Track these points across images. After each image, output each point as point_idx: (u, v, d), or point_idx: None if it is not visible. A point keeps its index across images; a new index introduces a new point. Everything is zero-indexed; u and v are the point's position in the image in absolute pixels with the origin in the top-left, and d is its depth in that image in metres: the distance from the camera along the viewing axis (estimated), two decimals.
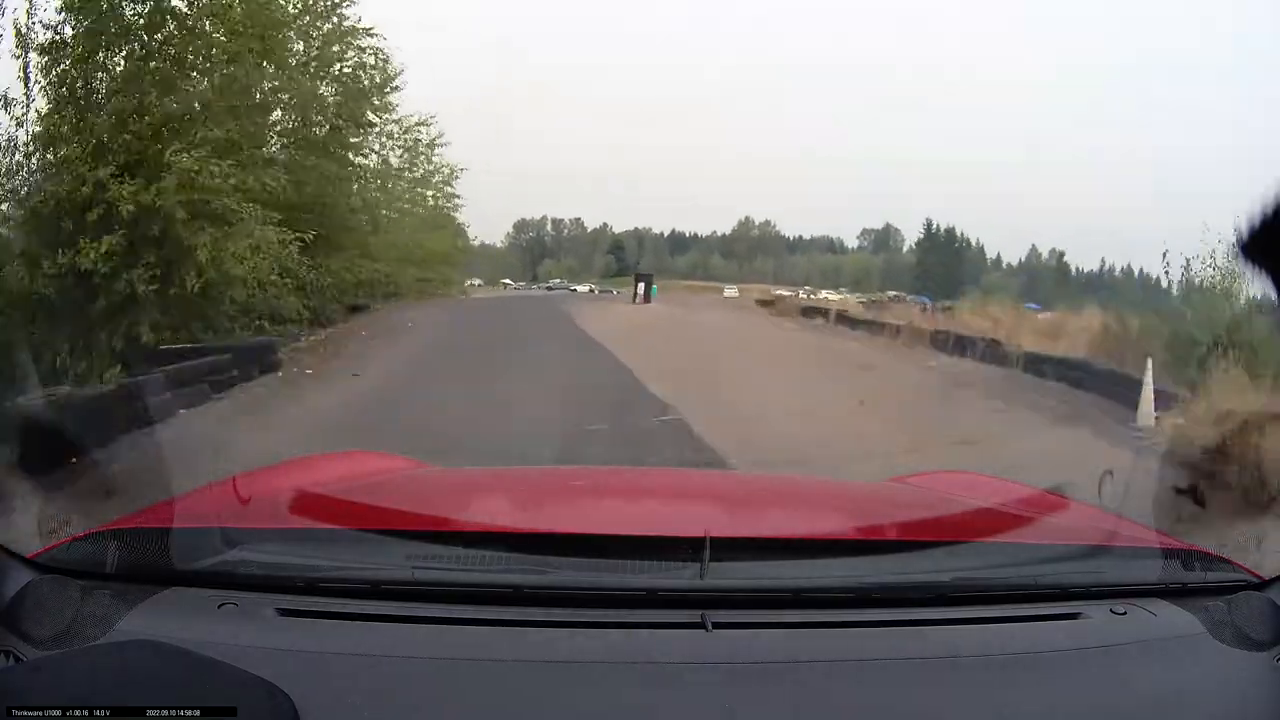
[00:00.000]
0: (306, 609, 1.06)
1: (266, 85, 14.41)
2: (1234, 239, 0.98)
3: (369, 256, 20.84)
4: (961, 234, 79.02)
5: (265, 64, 13.32)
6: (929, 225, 79.13)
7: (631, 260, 77.42)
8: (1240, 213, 0.93)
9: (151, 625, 1.01)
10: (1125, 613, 1.17)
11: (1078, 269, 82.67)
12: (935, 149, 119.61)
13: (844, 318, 23.83)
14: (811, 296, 59.35)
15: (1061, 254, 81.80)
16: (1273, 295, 0.98)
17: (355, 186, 20.52)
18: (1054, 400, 9.83)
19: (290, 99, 16.23)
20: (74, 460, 4.91)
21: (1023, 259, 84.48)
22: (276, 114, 16.37)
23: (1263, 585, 1.24)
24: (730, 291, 58.09)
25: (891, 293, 60.75)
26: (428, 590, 1.09)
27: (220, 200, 10.36)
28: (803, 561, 1.21)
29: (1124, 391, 8.80)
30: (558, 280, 59.10)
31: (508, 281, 66.68)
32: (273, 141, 16.23)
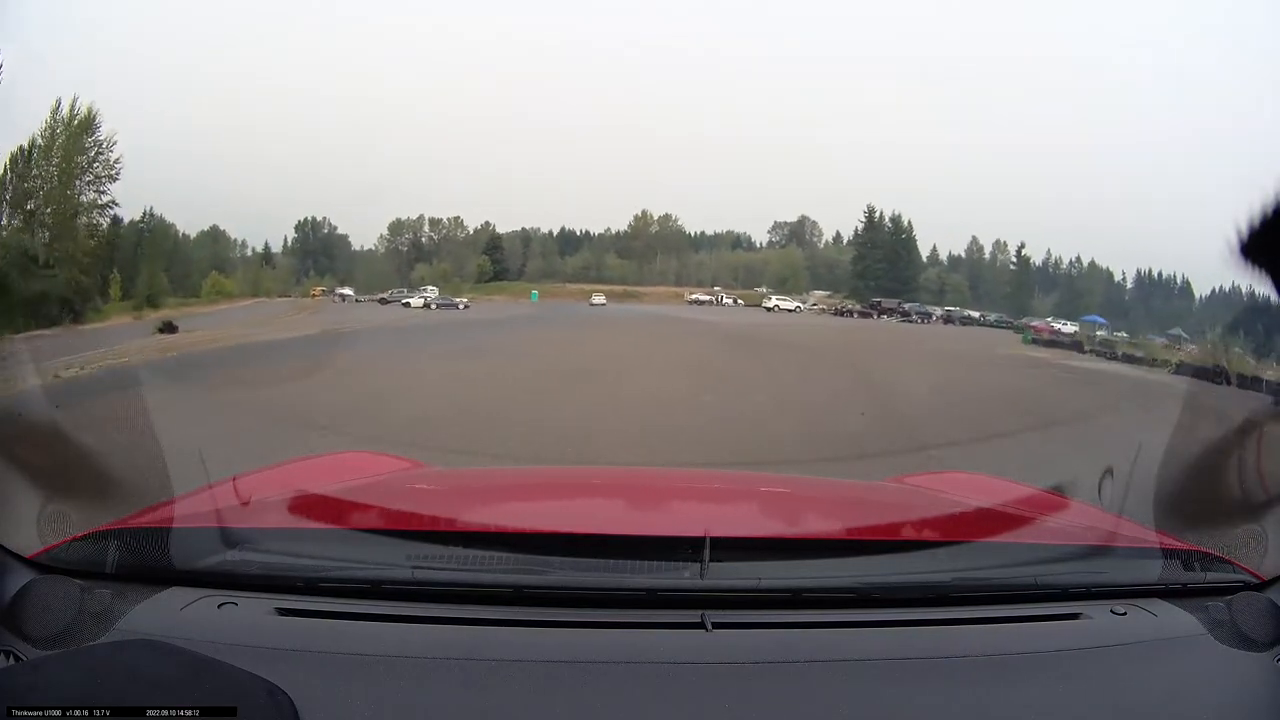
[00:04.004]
0: (306, 609, 1.06)
1: None
2: (1232, 238, 0.97)
3: None
4: (908, 223, 63.40)
5: None
6: (870, 214, 62.87)
7: (514, 263, 69.90)
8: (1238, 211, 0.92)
9: (151, 625, 1.01)
10: (1125, 613, 1.17)
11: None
12: (853, 131, 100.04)
13: None
14: (738, 304, 46.93)
15: (1021, 246, 66.85)
16: (1272, 295, 0.98)
17: None
18: None
19: None
20: None
21: (957, 253, 71.05)
22: None
23: (1263, 585, 1.24)
24: (598, 299, 46.27)
25: (840, 300, 48.82)
26: (428, 590, 1.09)
27: None
28: (802, 561, 1.21)
29: None
30: (397, 290, 47.18)
31: (346, 292, 50.10)
32: None
